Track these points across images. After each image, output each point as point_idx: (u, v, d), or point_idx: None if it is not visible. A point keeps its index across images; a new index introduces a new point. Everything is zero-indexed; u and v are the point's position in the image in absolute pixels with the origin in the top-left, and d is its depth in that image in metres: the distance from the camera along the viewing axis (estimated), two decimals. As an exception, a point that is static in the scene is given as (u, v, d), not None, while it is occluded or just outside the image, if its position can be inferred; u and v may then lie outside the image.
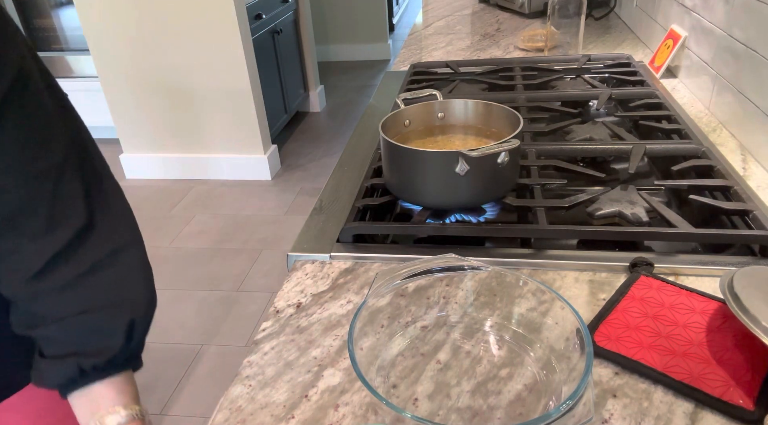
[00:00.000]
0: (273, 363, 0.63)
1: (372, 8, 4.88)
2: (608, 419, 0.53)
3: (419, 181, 0.81)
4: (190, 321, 2.15)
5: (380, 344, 0.61)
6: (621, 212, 0.82)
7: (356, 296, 0.72)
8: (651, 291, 0.66)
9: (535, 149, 0.97)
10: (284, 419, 0.56)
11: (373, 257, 0.79)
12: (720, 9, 1.11)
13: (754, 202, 0.80)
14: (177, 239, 2.67)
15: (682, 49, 1.31)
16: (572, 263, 0.74)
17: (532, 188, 0.86)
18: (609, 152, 0.97)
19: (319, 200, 0.94)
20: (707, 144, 0.98)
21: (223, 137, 3.07)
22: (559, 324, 0.56)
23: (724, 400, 0.53)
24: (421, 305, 0.65)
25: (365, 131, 1.19)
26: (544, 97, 1.21)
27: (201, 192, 3.07)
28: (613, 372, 0.58)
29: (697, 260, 0.72)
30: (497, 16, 2.10)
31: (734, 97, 1.05)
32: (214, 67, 2.86)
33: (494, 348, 0.62)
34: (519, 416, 0.54)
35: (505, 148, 0.75)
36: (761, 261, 0.71)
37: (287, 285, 0.75)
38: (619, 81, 1.31)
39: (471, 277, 0.66)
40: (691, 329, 0.61)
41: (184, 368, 1.95)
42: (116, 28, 2.81)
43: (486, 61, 1.48)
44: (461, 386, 0.57)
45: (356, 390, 0.59)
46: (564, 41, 1.54)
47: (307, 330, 0.67)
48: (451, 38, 1.85)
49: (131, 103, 3.01)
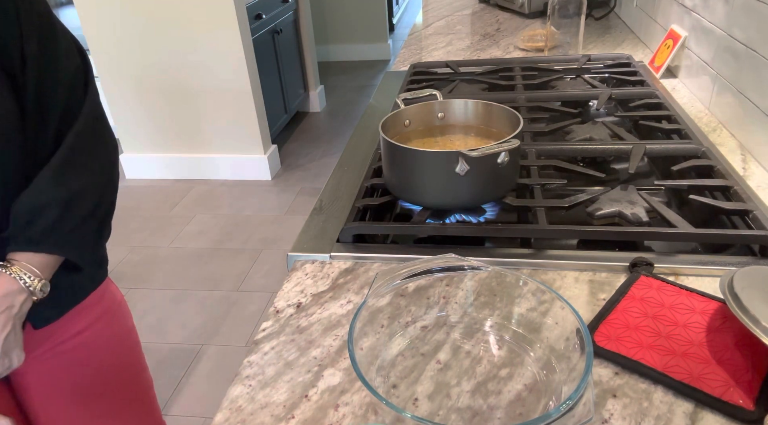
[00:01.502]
0: (273, 363, 0.63)
1: (372, 8, 4.88)
2: (608, 419, 0.53)
3: (419, 181, 0.81)
4: (190, 321, 2.15)
5: (380, 344, 0.61)
6: (621, 212, 0.82)
7: (356, 296, 0.72)
8: (651, 291, 0.66)
9: (535, 149, 0.97)
10: (284, 419, 0.56)
11: (373, 257, 0.79)
12: (720, 9, 1.11)
13: (754, 202, 0.80)
14: (177, 239, 2.67)
15: (682, 49, 1.31)
16: (572, 263, 0.74)
17: (532, 188, 0.86)
18: (609, 152, 0.97)
19: (319, 200, 0.94)
20: (707, 144, 0.98)
21: (223, 137, 3.07)
22: (559, 324, 0.56)
23: (724, 400, 0.53)
24: (421, 305, 0.65)
25: (365, 131, 1.19)
26: (544, 97, 1.21)
27: (201, 192, 3.07)
28: (613, 372, 0.58)
29: (697, 260, 0.72)
30: (497, 16, 2.10)
31: (734, 97, 1.05)
32: (214, 67, 2.86)
33: (494, 348, 0.62)
34: (519, 416, 0.54)
35: (505, 148, 0.75)
36: (761, 261, 0.71)
37: (287, 285, 0.75)
38: (619, 81, 1.31)
39: (471, 277, 0.66)
40: (691, 329, 0.61)
41: (184, 368, 1.95)
42: (116, 28, 2.81)
43: (486, 61, 1.48)
44: (461, 386, 0.57)
45: (356, 390, 0.59)
46: (564, 41, 1.54)
47: (307, 330, 0.67)
48: (451, 38, 1.85)
49: (131, 103, 3.01)
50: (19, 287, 0.68)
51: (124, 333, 0.92)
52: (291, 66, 3.61)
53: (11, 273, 0.68)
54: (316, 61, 3.96)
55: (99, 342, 0.86)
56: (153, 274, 2.43)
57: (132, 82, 2.94)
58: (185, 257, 2.54)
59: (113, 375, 0.90)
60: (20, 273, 0.68)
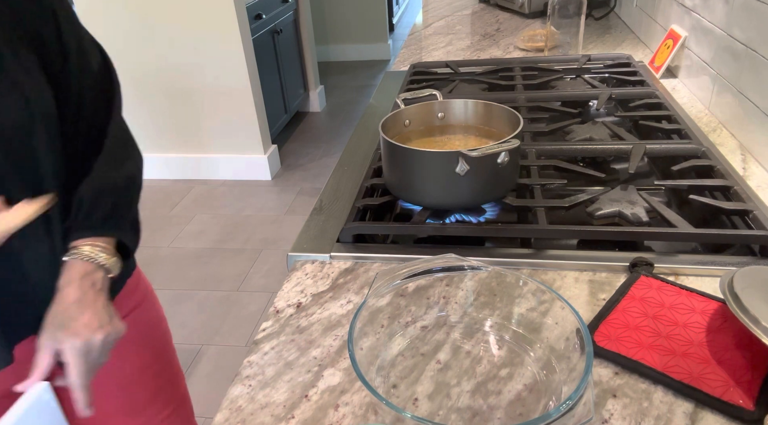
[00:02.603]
0: (273, 363, 0.63)
1: (372, 8, 4.88)
2: (608, 419, 0.53)
3: (419, 181, 0.81)
4: (190, 321, 2.15)
5: (380, 344, 0.61)
6: (621, 212, 0.82)
7: (356, 296, 0.72)
8: (651, 291, 0.66)
9: (535, 149, 0.97)
10: (284, 419, 0.56)
11: (373, 257, 0.79)
12: (720, 9, 1.11)
13: (754, 202, 0.80)
14: (177, 239, 2.67)
15: (682, 49, 1.31)
16: (572, 263, 0.74)
17: (532, 188, 0.86)
18: (609, 152, 0.97)
19: (319, 200, 0.94)
20: (707, 144, 0.98)
21: (223, 137, 3.07)
22: (559, 324, 0.56)
23: (724, 400, 0.53)
24: (421, 305, 0.65)
25: (365, 131, 1.19)
26: (544, 97, 1.21)
27: (201, 192, 3.07)
28: (613, 372, 0.58)
29: (697, 260, 0.72)
30: (497, 16, 2.10)
31: (734, 97, 1.05)
32: (214, 67, 2.86)
33: (494, 348, 0.62)
34: (519, 416, 0.54)
35: (505, 148, 0.75)
36: (761, 261, 0.71)
37: (287, 285, 0.75)
38: (619, 81, 1.31)
39: (471, 277, 0.66)
40: (691, 329, 0.61)
41: (184, 368, 1.95)
42: (116, 28, 2.81)
43: (486, 61, 1.48)
44: (461, 386, 0.57)
45: (356, 390, 0.59)
46: (564, 41, 1.54)
47: (307, 330, 0.67)
48: (451, 38, 1.85)
49: (131, 103, 3.01)
50: (94, 266, 0.69)
51: (158, 318, 0.94)
52: (291, 66, 3.61)
53: (82, 257, 0.69)
54: (316, 61, 3.96)
55: (138, 327, 0.88)
56: (153, 274, 2.43)
57: (132, 82, 2.94)
58: (185, 257, 2.54)
59: (151, 359, 0.91)
60: (92, 254, 0.70)
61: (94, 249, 0.70)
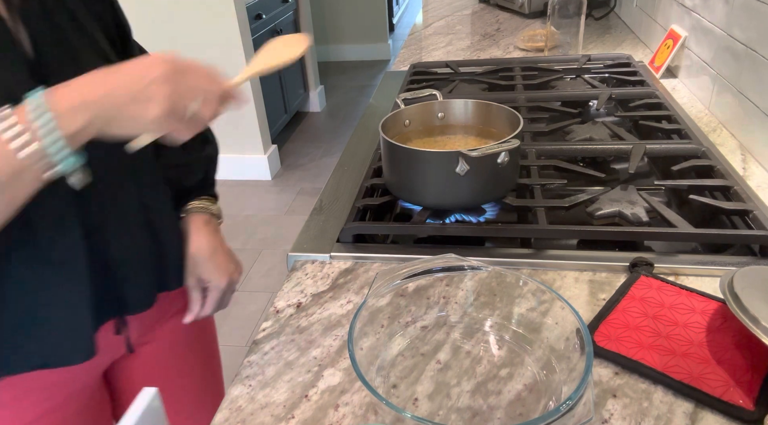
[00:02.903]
0: (273, 363, 0.63)
1: (372, 8, 4.88)
2: (608, 419, 0.53)
3: (419, 181, 0.81)
4: (190, 321, 2.15)
5: (380, 344, 0.61)
6: (621, 212, 0.82)
7: (356, 296, 0.72)
8: (651, 291, 0.66)
9: (535, 149, 0.97)
10: (284, 419, 0.56)
11: (373, 257, 0.79)
12: (720, 9, 1.11)
13: (754, 202, 0.80)
14: (177, 239, 2.67)
15: (682, 49, 1.31)
16: (572, 263, 0.74)
17: (532, 188, 0.86)
18: (609, 152, 0.97)
19: (319, 200, 0.94)
20: (707, 144, 0.98)
21: (223, 137, 3.04)
22: (559, 324, 0.56)
23: (724, 400, 0.53)
24: (421, 305, 0.65)
25: (365, 131, 1.19)
26: (544, 97, 1.21)
27: (201, 192, 3.07)
28: (613, 372, 0.58)
29: (697, 260, 0.72)
30: (497, 16, 2.10)
31: (734, 97, 1.05)
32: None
33: (494, 348, 0.62)
34: (519, 416, 0.54)
35: (505, 148, 0.75)
36: (761, 261, 0.71)
37: (287, 285, 0.75)
38: (619, 81, 1.31)
39: (471, 277, 0.66)
40: (691, 329, 0.61)
41: (184, 368, 1.95)
42: (116, 28, 2.81)
43: (486, 61, 1.48)
44: (461, 386, 0.57)
45: (356, 390, 0.59)
46: (564, 41, 1.54)
47: (307, 330, 0.67)
48: (451, 38, 1.85)
49: (131, 103, 3.00)
50: (209, 216, 0.83)
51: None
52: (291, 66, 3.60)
53: (199, 210, 0.82)
54: (316, 61, 3.96)
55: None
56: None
57: (132, 82, 2.94)
58: (185, 257, 2.54)
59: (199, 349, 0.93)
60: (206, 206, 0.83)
61: (205, 202, 0.84)
